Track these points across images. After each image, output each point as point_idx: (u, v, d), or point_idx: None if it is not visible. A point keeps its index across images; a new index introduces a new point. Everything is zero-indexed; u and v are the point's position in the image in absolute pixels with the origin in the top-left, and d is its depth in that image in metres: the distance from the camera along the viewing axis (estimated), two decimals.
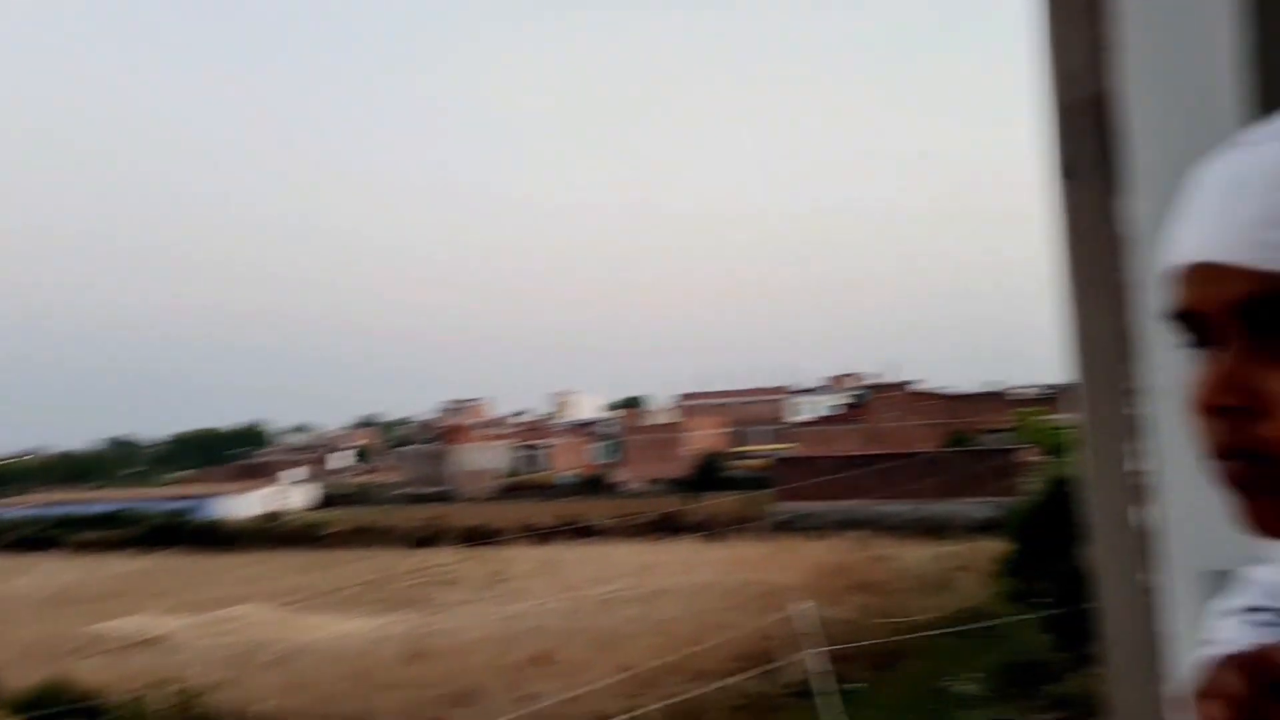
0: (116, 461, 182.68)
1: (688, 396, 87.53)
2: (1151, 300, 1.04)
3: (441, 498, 77.10)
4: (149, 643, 26.22)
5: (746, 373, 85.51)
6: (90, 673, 20.96)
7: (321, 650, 22.97)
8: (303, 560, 44.41)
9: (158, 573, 43.54)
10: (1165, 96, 1.06)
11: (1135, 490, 1.19)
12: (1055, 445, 34.26)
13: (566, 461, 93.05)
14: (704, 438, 73.05)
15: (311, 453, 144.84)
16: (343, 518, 60.33)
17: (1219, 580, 0.81)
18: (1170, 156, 1.02)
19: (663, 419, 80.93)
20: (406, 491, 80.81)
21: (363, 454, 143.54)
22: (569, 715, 15.70)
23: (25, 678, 21.08)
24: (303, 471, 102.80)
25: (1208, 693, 0.65)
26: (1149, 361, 1.06)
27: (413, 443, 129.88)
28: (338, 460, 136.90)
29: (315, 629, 26.68)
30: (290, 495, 76.53)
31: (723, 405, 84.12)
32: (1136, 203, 1.09)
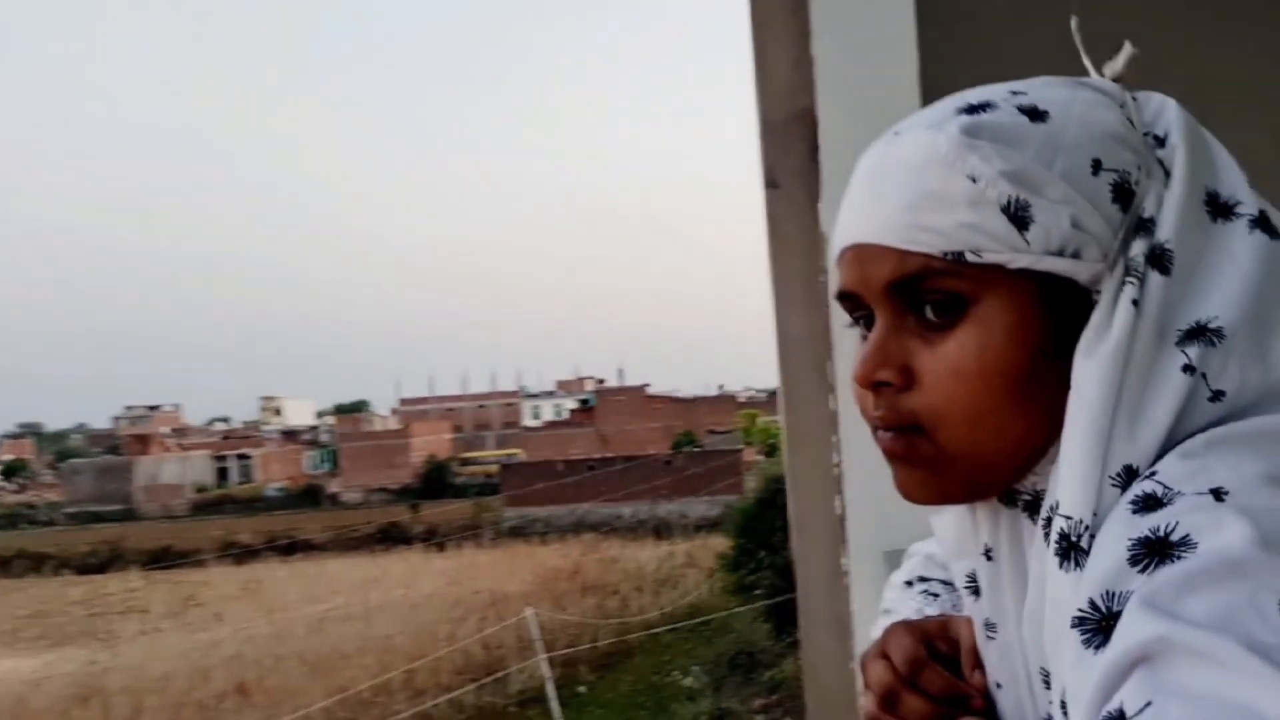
0: None
1: (411, 401, 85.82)
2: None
3: (121, 516, 70.65)
4: None
5: (473, 376, 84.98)
6: None
7: None
8: None
9: None
10: (856, 108, 1.20)
11: (836, 481, 1.32)
12: (774, 444, 36.99)
13: (275, 472, 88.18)
14: (429, 444, 71.84)
15: None
16: None
17: (900, 559, 0.93)
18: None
19: (384, 424, 78.75)
20: (75, 510, 73.27)
21: (14, 469, 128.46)
22: None
23: None
24: None
25: (872, 655, 0.75)
26: (841, 357, 1.20)
27: (83, 455, 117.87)
28: None
29: None
30: None
31: (449, 410, 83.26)
32: (833, 210, 1.22)
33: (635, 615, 22.09)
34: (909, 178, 0.60)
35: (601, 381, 76.66)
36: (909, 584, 0.87)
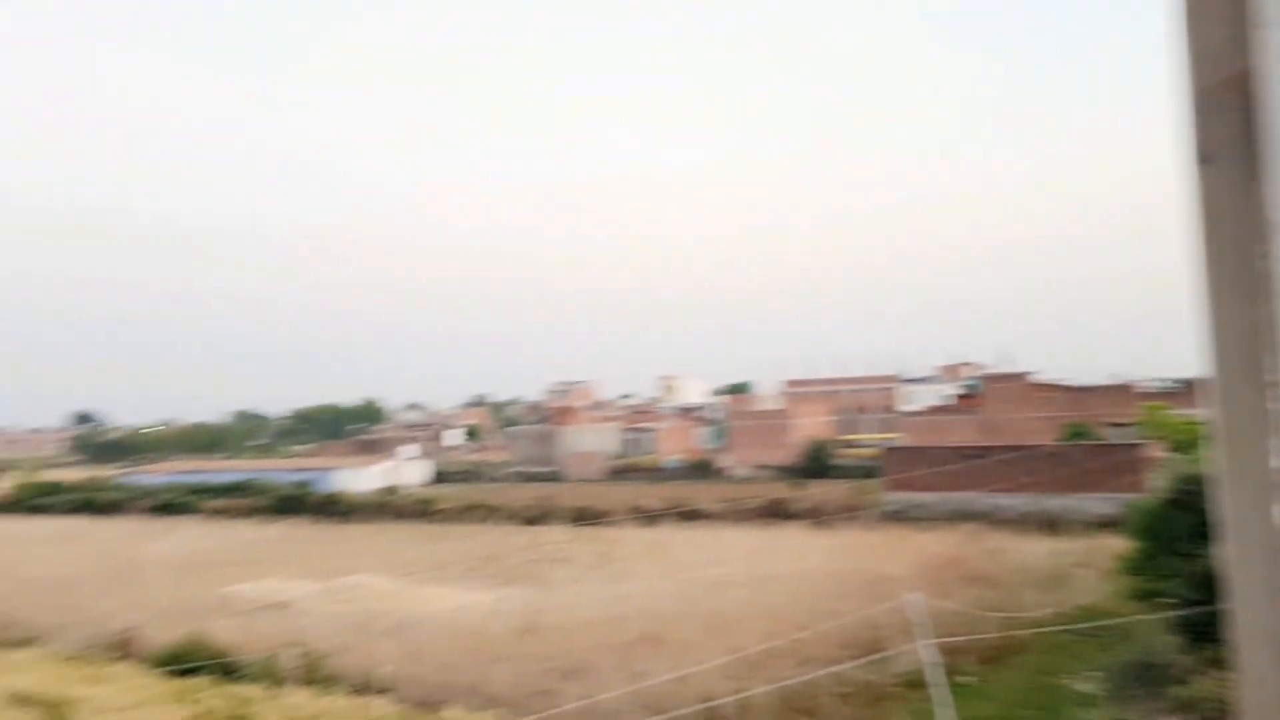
0: (244, 433, 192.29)
1: (795, 383, 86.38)
2: None
3: (550, 478, 78.53)
4: (276, 606, 27.56)
5: (855, 360, 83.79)
6: (223, 632, 22.17)
7: (437, 621, 23.74)
8: (417, 533, 45.93)
9: (283, 541, 45.69)
10: None
11: (1274, 488, 1.14)
12: (1184, 440, 32.58)
13: (673, 445, 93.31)
14: (811, 425, 72.11)
15: (425, 430, 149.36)
16: (455, 494, 62.08)
17: None
18: None
19: (769, 405, 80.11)
20: (516, 470, 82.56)
21: (473, 433, 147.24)
22: (677, 694, 15.83)
23: (165, 635, 22.50)
24: (416, 448, 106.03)
25: None
26: None
27: (522, 423, 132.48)
28: (450, 438, 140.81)
29: (430, 600, 27.59)
30: (405, 471, 79.12)
31: (830, 392, 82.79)
32: (1276, 188, 1.04)
33: (1020, 611, 20.65)
34: None
35: (983, 368, 72.14)
36: None
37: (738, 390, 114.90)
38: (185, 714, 15.38)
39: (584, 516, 46.68)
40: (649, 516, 44.76)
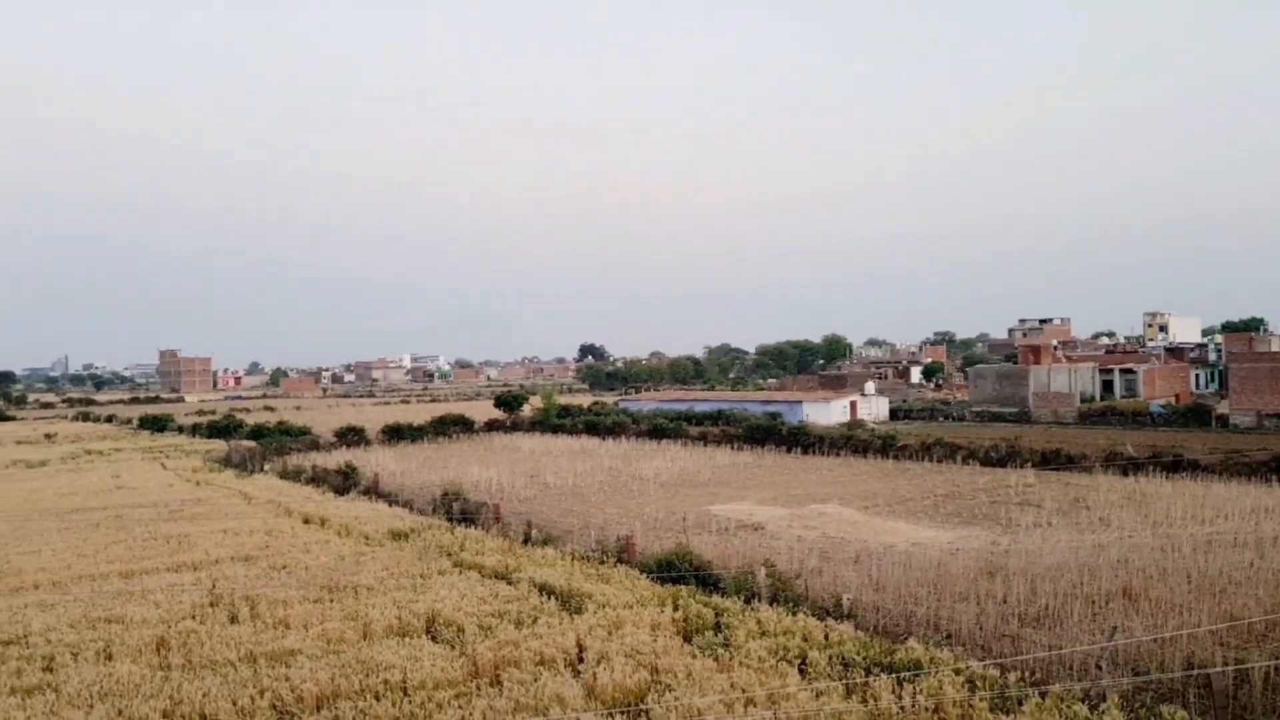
0: (720, 367, 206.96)
1: None
2: None
3: (1016, 418, 74.17)
4: (749, 526, 29.58)
5: None
6: (703, 546, 24.33)
7: (897, 554, 23.83)
8: (880, 467, 46.23)
9: (754, 467, 48.67)
10: None
11: None
12: None
13: (1159, 388, 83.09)
14: None
15: (887, 367, 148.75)
16: (917, 431, 61.20)
17: None
18: None
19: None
20: (979, 409, 79.09)
21: (935, 370, 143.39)
22: (1158, 656, 14.33)
23: (655, 543, 25.28)
24: (879, 384, 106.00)
25: None
26: None
27: (985, 361, 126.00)
28: (912, 375, 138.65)
29: (892, 533, 27.74)
30: (868, 406, 79.60)
31: None
32: None
33: None
34: None
35: None
36: None
37: (1242, 328, 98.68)
38: (673, 616, 17.18)
39: (1053, 460, 43.54)
40: (1129, 464, 40.55)
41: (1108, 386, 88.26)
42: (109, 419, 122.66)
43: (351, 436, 68.80)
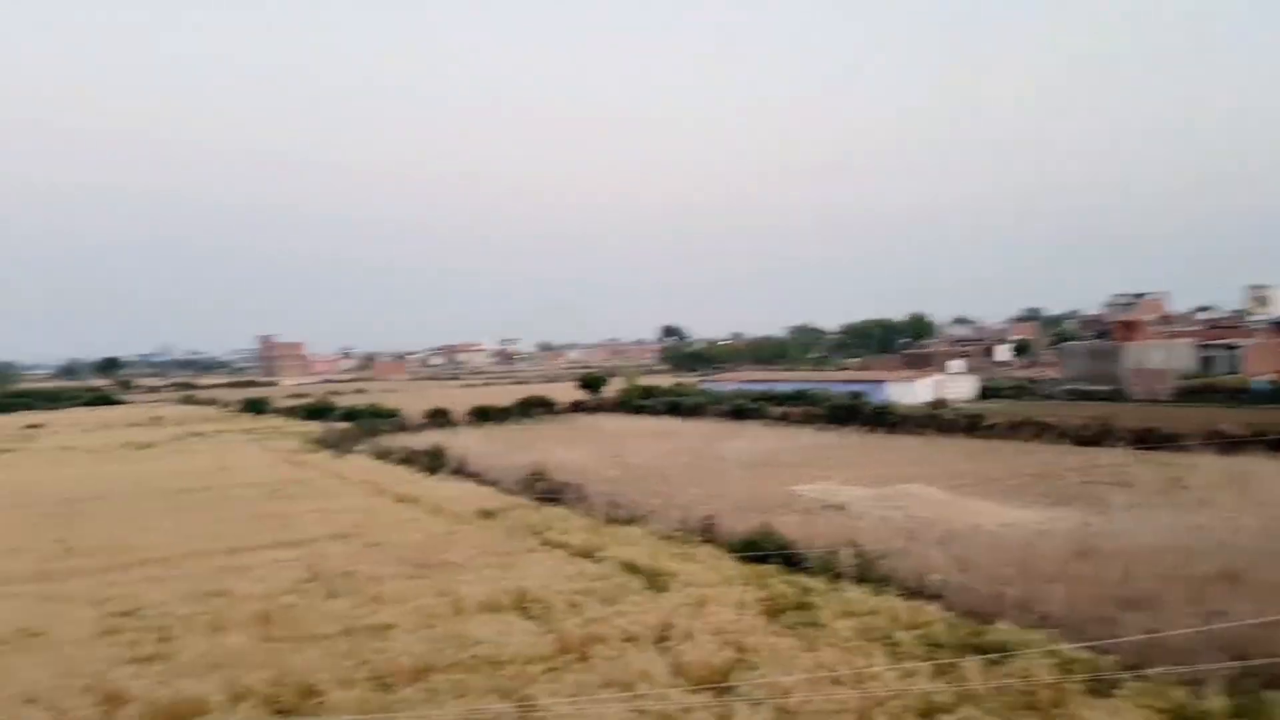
0: (802, 346, 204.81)
1: None
2: None
3: (1108, 396, 71.72)
4: (834, 507, 29.35)
5: None
6: (787, 526, 24.21)
7: (985, 534, 23.37)
8: (966, 447, 45.28)
9: (838, 447, 48.16)
10: None
11: None
12: None
13: (1263, 364, 79.29)
14: None
15: (973, 345, 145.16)
16: (1003, 410, 59.72)
17: None
18: None
19: None
20: (1069, 388, 76.71)
21: (1023, 348, 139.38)
22: (1264, 641, 13.77)
23: (739, 523, 25.29)
24: (965, 363, 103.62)
25: None
26: None
27: (1077, 338, 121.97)
28: (999, 353, 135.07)
29: (979, 514, 27.19)
30: (953, 385, 77.95)
31: None
32: None
33: None
34: None
35: None
36: None
37: None
38: (758, 595, 17.22)
39: (1148, 439, 42.01)
40: (1229, 442, 38.89)
41: (1207, 363, 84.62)
42: (210, 402, 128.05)
43: (439, 418, 70.47)
